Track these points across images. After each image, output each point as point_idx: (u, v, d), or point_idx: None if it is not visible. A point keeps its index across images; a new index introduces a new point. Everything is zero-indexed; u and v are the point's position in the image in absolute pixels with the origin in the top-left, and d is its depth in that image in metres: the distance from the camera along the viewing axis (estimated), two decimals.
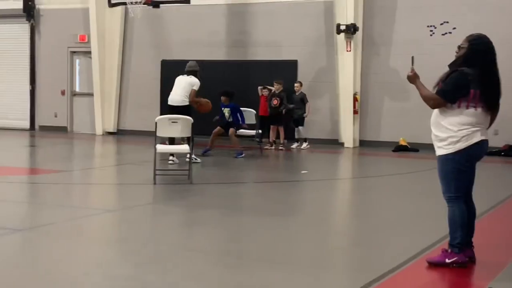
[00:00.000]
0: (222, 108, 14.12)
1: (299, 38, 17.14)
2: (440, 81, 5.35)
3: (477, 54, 5.23)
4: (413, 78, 5.43)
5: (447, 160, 5.24)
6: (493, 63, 5.28)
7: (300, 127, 15.80)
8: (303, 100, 15.71)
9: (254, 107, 14.90)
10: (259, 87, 15.81)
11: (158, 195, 9.24)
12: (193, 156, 12.04)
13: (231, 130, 13.84)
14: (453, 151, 5.21)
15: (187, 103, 12.05)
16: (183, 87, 12.17)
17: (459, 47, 5.37)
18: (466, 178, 5.33)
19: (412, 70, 5.47)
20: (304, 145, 15.73)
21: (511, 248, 6.34)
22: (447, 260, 5.31)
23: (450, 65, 5.39)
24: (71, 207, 8.09)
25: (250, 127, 14.50)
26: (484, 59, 5.23)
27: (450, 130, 5.22)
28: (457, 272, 5.27)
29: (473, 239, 5.47)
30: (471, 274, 5.37)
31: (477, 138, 5.22)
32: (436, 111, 5.36)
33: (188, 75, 12.42)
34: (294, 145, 15.78)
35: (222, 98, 14.14)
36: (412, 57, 5.54)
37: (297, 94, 15.80)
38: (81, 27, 19.44)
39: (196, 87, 12.21)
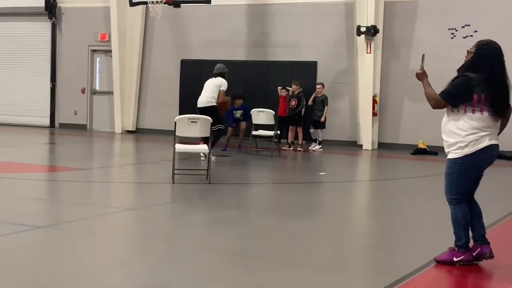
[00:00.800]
0: (234, 111, 14.46)
1: (319, 39, 17.12)
2: (448, 85, 5.46)
3: (484, 59, 5.32)
4: (421, 76, 5.64)
5: (455, 164, 5.38)
6: (501, 68, 5.34)
7: (319, 130, 15.76)
8: (323, 102, 15.68)
9: (274, 108, 14.89)
10: (279, 88, 15.81)
11: (177, 194, 9.27)
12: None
13: (243, 123, 14.42)
14: (461, 155, 5.32)
15: (213, 104, 12.23)
16: (210, 89, 12.37)
17: (468, 52, 5.48)
18: (470, 182, 5.44)
19: (422, 67, 5.66)
20: (317, 147, 15.66)
21: None
22: (454, 259, 5.45)
23: (459, 70, 5.50)
24: (90, 205, 8.15)
25: (269, 128, 14.50)
26: (491, 64, 5.31)
27: (458, 135, 5.33)
28: (479, 274, 5.34)
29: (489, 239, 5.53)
30: (492, 276, 5.41)
31: (485, 143, 5.28)
32: (445, 117, 5.48)
33: (215, 77, 12.58)
34: (313, 147, 15.73)
35: (237, 101, 14.35)
36: (423, 55, 5.78)
37: (319, 96, 15.76)
38: (102, 26, 19.57)
39: (223, 88, 12.38)
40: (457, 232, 5.47)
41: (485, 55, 5.33)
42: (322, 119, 15.53)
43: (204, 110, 11.98)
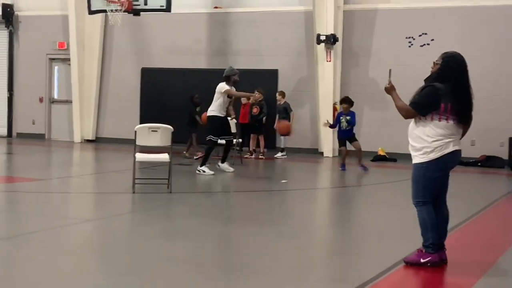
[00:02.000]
0: (341, 117, 13.50)
1: (280, 47, 17.23)
2: (416, 94, 5.67)
3: (450, 70, 5.57)
4: (390, 90, 5.83)
5: (421, 168, 5.61)
6: (465, 79, 5.61)
7: (284, 137, 15.84)
8: (286, 110, 15.76)
9: (236, 116, 14.87)
10: None
11: (138, 204, 9.20)
12: (225, 165, 12.29)
13: (357, 144, 13.62)
14: (427, 160, 5.57)
15: (212, 114, 12.07)
16: (214, 98, 12.11)
17: (434, 63, 5.72)
18: (437, 185, 5.67)
19: (390, 82, 5.85)
20: (279, 154, 15.75)
21: (494, 249, 6.53)
22: (421, 260, 5.64)
23: (426, 80, 5.74)
24: (49, 216, 8.02)
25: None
26: (457, 75, 5.56)
27: (424, 141, 5.58)
28: (445, 272, 5.55)
29: (450, 242, 5.82)
30: (458, 273, 5.58)
31: (449, 148, 5.57)
32: (412, 123, 5.71)
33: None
34: (279, 154, 15.78)
35: (344, 105, 13.56)
36: (390, 70, 5.95)
37: (281, 104, 15.85)
38: (60, 34, 19.35)
39: (224, 90, 11.94)
40: (424, 233, 5.67)
41: (451, 66, 5.58)
42: (288, 122, 15.58)
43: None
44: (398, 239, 6.97)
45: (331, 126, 13.90)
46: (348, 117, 13.39)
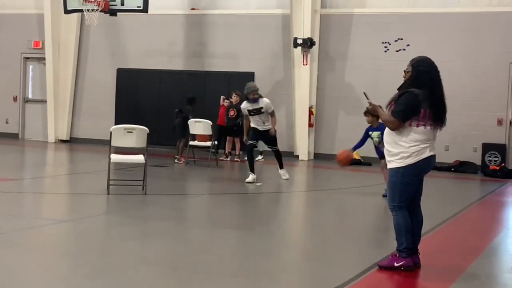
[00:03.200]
0: (370, 132, 10.33)
1: (257, 50, 17.25)
2: (393, 101, 5.68)
3: (422, 75, 5.58)
4: (375, 109, 5.82)
5: (397, 173, 5.61)
6: (438, 82, 5.63)
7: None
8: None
9: (211, 118, 14.86)
10: (222, 97, 15.83)
11: (112, 205, 9.13)
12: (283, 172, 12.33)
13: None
14: (404, 165, 5.58)
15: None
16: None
17: (405, 72, 5.72)
18: (413, 190, 5.70)
19: (370, 103, 5.86)
20: (260, 157, 15.76)
21: (467, 254, 6.61)
22: (395, 264, 5.68)
23: (399, 89, 5.72)
24: (22, 216, 7.93)
25: (206, 138, 14.49)
26: (429, 79, 5.57)
27: (401, 146, 5.59)
28: (419, 277, 5.62)
29: (419, 247, 5.85)
30: (432, 277, 5.62)
31: (426, 154, 5.60)
32: (388, 129, 5.70)
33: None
34: (259, 157, 15.73)
35: (370, 118, 10.11)
36: (364, 93, 6.03)
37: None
38: (36, 33, 19.15)
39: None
40: (399, 237, 5.70)
41: (423, 71, 5.59)
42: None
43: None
44: (372, 243, 7.01)
45: (356, 147, 10.40)
46: (378, 132, 9.98)
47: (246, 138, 12.21)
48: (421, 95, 5.49)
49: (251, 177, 11.65)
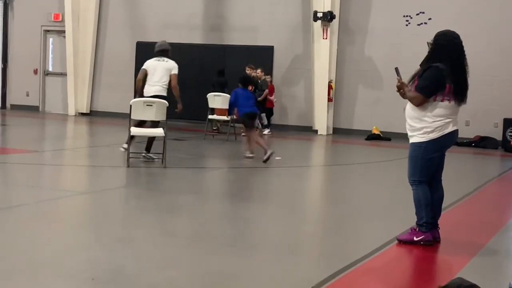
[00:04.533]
0: None
1: (276, 24, 17.14)
2: (416, 76, 5.59)
3: (443, 50, 5.48)
4: (402, 86, 5.63)
5: (420, 148, 5.56)
6: (460, 57, 5.52)
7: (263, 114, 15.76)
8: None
9: (230, 92, 14.80)
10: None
11: (131, 178, 9.20)
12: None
13: None
14: (427, 139, 5.52)
15: (165, 94, 10.26)
16: (162, 74, 10.27)
17: (428, 44, 5.62)
18: (434, 165, 5.66)
19: (399, 80, 5.67)
20: (267, 131, 15.71)
21: (487, 229, 6.57)
22: (415, 238, 5.67)
23: (421, 64, 5.62)
24: (42, 188, 8.02)
25: (224, 112, 14.46)
26: (450, 54, 5.47)
27: (425, 121, 5.51)
28: (438, 251, 5.61)
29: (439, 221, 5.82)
30: (451, 252, 5.61)
31: (449, 128, 5.54)
32: (409, 103, 5.61)
33: (160, 56, 10.53)
34: (266, 131, 15.73)
35: None
36: (396, 68, 5.77)
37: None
38: (56, 6, 19.18)
39: (175, 71, 10.36)
40: (418, 211, 5.68)
41: (441, 45, 5.49)
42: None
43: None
44: (391, 217, 7.00)
45: None
46: None
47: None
48: (445, 70, 5.41)
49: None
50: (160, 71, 10.30)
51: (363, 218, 7.02)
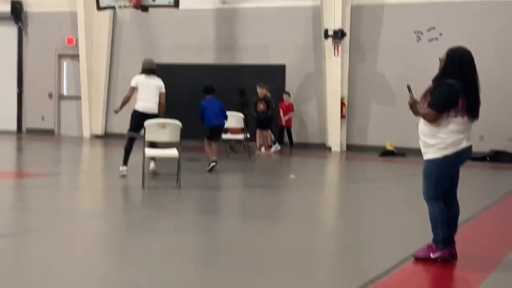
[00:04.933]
0: None
1: (287, 43, 17.22)
2: (428, 93, 5.59)
3: (455, 66, 5.49)
4: (414, 104, 5.62)
5: (434, 164, 5.54)
6: (472, 73, 5.52)
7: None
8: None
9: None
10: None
11: (147, 199, 9.24)
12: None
13: None
14: (441, 156, 5.50)
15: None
16: (154, 92, 10.86)
17: (440, 60, 5.64)
18: (448, 181, 5.64)
19: (412, 97, 5.66)
20: (274, 148, 15.78)
21: (504, 244, 6.55)
22: (431, 255, 5.63)
23: (433, 80, 5.63)
24: (59, 211, 8.08)
25: (238, 131, 14.52)
26: (462, 70, 5.48)
27: (438, 138, 5.50)
28: (454, 268, 5.58)
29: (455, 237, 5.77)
30: (469, 269, 5.59)
31: (463, 144, 5.52)
32: (423, 119, 5.61)
33: (148, 74, 10.90)
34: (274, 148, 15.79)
35: None
36: (408, 86, 5.76)
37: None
38: (69, 31, 19.40)
39: (164, 89, 10.94)
40: (435, 228, 5.66)
41: (454, 61, 5.51)
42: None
43: (152, 117, 10.34)
44: (408, 234, 6.98)
45: None
46: None
47: None
48: (458, 86, 5.42)
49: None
50: (153, 88, 10.87)
51: (380, 235, 7.01)
